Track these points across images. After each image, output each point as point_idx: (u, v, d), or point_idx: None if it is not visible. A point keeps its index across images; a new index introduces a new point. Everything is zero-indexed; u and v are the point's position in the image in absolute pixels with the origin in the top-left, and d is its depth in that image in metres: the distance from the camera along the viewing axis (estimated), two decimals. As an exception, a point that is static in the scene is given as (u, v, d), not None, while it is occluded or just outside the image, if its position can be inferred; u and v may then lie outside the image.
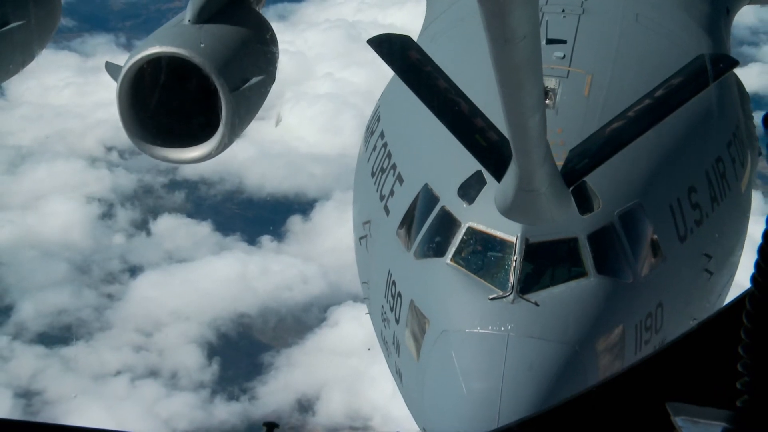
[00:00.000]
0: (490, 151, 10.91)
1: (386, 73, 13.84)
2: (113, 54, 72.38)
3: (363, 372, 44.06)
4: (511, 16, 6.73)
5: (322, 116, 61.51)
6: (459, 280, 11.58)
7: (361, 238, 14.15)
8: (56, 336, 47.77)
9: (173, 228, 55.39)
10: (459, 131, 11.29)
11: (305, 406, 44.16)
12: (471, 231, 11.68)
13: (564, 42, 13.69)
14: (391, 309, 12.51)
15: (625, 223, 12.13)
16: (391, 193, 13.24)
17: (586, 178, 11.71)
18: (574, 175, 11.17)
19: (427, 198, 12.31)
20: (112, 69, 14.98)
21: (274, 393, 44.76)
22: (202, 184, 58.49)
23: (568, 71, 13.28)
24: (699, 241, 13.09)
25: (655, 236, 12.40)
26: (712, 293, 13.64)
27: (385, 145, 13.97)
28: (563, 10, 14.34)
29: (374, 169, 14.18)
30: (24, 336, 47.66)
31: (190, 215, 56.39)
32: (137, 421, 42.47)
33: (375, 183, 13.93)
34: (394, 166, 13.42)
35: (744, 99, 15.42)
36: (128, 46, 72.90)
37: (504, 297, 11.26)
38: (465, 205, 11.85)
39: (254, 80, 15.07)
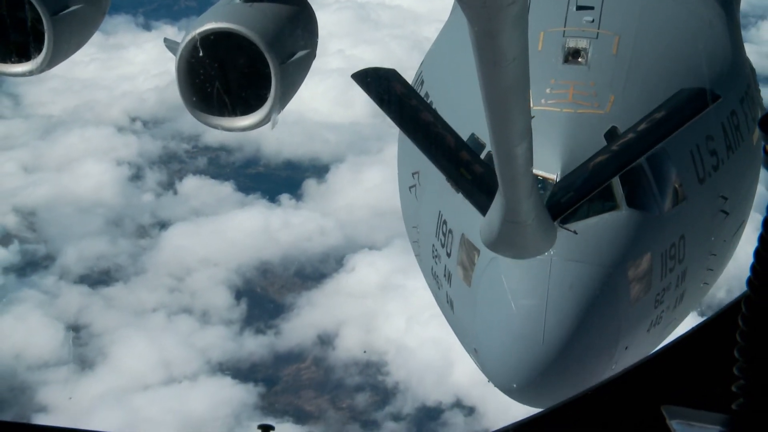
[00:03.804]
0: (476, 184, 11.10)
1: (394, 51, 14.95)
2: (133, 33, 75.47)
3: (378, 311, 46.95)
4: (501, 37, 6.53)
5: (334, 89, 62.70)
6: None
7: (410, 188, 14.94)
8: (97, 278, 50.06)
9: (198, 188, 57.42)
10: (444, 165, 11.51)
11: (325, 342, 46.45)
12: None
13: (592, 8, 14.34)
14: (442, 245, 13.26)
15: (652, 163, 12.85)
16: None
17: (618, 125, 12.61)
18: (558, 208, 11.47)
19: (474, 145, 12.84)
20: (170, 45, 15.48)
21: (297, 329, 47.06)
22: (222, 151, 60.49)
23: (598, 33, 13.91)
24: (716, 184, 13.85)
25: (678, 176, 13.18)
26: (728, 232, 14.49)
27: (431, 104, 14.30)
28: None
29: None
30: (68, 277, 49.87)
31: (213, 177, 58.28)
32: (176, 348, 45.41)
33: None
34: None
35: (751, 70, 16.27)
36: (146, 26, 76.26)
37: None
38: None
39: (300, 54, 15.50)
